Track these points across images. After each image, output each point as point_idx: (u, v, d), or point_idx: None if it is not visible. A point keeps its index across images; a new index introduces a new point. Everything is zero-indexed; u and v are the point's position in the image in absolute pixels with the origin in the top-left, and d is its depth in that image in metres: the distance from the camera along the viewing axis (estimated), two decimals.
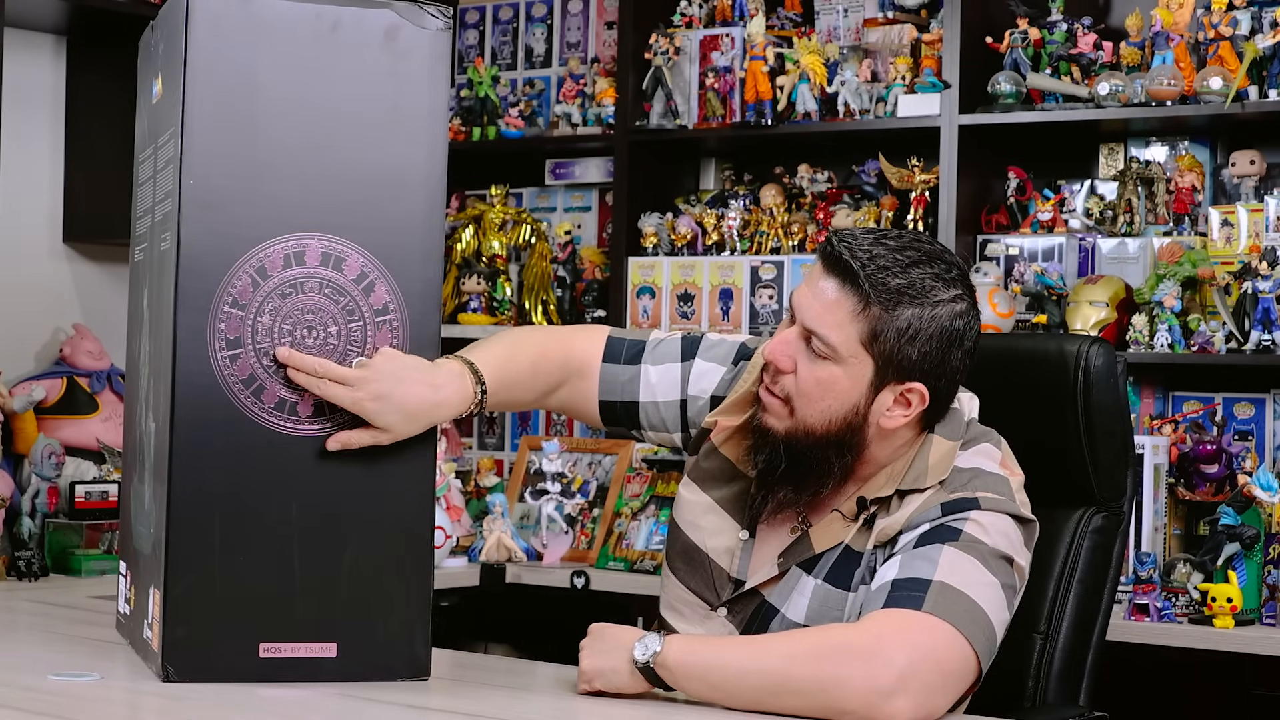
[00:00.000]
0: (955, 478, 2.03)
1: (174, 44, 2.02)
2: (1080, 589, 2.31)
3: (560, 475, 4.11)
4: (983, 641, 1.90)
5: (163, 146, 2.07)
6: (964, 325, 2.03)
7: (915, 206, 4.06)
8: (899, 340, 1.99)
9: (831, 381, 2.01)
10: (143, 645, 2.07)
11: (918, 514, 2.00)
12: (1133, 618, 3.32)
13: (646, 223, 4.34)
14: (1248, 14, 3.73)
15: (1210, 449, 3.61)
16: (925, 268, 2.00)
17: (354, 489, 2.00)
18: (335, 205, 2.00)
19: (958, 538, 1.94)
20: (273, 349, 1.97)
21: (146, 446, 2.09)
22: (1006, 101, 3.89)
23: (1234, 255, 3.67)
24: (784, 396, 2.04)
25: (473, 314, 4.47)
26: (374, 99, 2.01)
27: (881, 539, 2.02)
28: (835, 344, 1.99)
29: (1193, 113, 3.71)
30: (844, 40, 4.26)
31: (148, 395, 2.10)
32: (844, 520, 2.07)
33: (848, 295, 1.99)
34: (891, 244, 2.01)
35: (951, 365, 2.03)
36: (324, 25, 2.00)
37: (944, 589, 1.89)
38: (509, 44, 4.82)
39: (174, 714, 1.89)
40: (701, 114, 4.27)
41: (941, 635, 1.86)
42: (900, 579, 1.91)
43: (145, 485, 2.08)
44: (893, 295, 1.98)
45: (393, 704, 1.92)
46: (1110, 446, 2.34)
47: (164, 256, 2.02)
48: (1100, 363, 2.32)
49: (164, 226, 2.03)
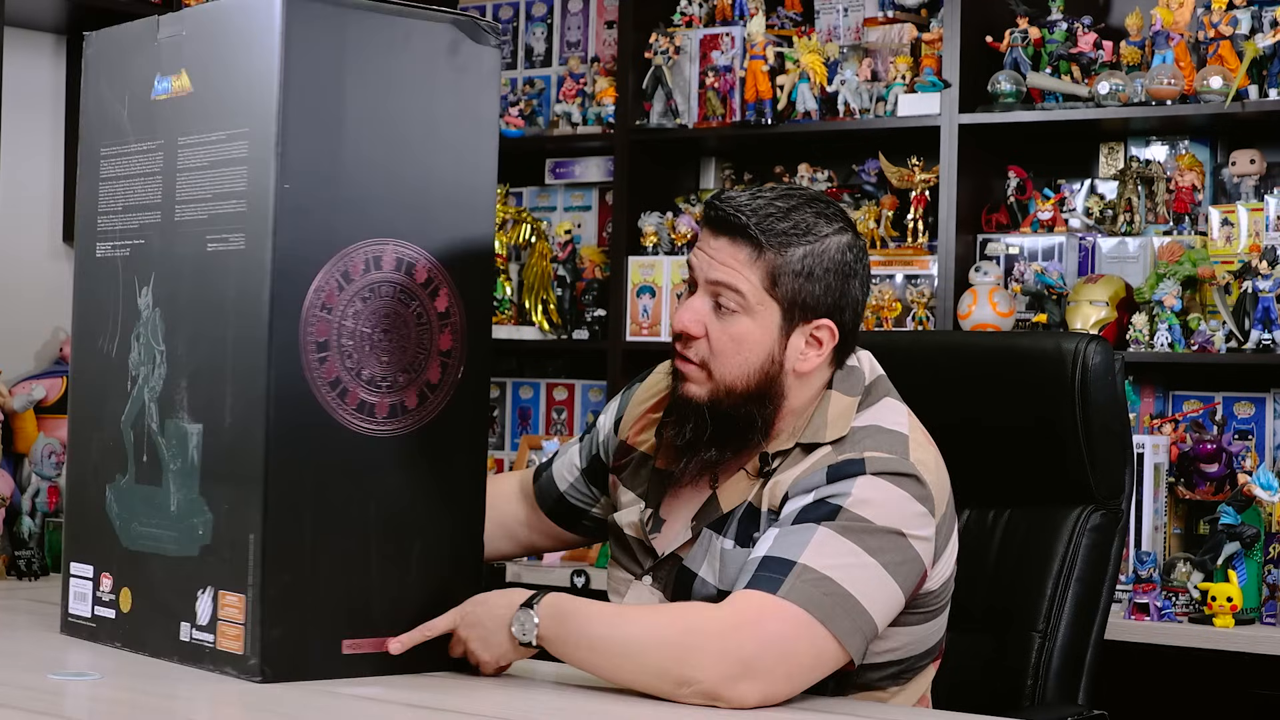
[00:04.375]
0: (850, 437, 2.05)
1: (230, 44, 2.03)
2: (1079, 587, 2.31)
3: None
4: (845, 624, 1.92)
5: (191, 146, 2.07)
6: (854, 256, 2.08)
7: (915, 206, 4.06)
8: (797, 279, 2.04)
9: (743, 335, 2.05)
10: (182, 647, 2.04)
11: (804, 476, 2.02)
12: (1133, 617, 3.32)
13: (647, 222, 4.34)
14: (1248, 13, 3.73)
15: (1210, 448, 3.61)
16: (806, 209, 2.06)
17: (422, 486, 2.06)
18: (406, 212, 2.05)
19: (835, 516, 1.95)
20: (355, 351, 2.01)
21: (168, 446, 2.07)
22: (1006, 101, 3.89)
23: (1234, 254, 3.68)
24: (699, 361, 2.08)
25: None
26: (440, 110, 2.07)
27: (773, 503, 2.05)
28: (745, 291, 2.04)
29: (1193, 112, 3.71)
30: (844, 39, 4.26)
31: (164, 395, 2.08)
32: (749, 478, 2.10)
33: (740, 247, 2.04)
34: (768, 194, 2.08)
35: (852, 296, 2.09)
36: (399, 35, 2.04)
37: (805, 572, 1.91)
38: (509, 43, 4.81)
39: (175, 714, 1.89)
40: (701, 113, 4.27)
41: (793, 622, 1.89)
42: (768, 556, 1.95)
43: (173, 486, 2.07)
44: (782, 238, 2.04)
45: (393, 703, 1.92)
46: (1108, 444, 2.34)
47: (214, 259, 2.02)
48: (1098, 361, 2.32)
49: (209, 227, 2.03)
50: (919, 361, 2.47)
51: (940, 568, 2.05)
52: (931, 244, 4.03)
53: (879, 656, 2.05)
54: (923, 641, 2.10)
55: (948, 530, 2.06)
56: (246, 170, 2.00)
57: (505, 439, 4.65)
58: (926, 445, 2.06)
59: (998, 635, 2.34)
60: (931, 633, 2.11)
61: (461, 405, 2.09)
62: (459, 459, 2.10)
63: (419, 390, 2.06)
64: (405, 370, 2.04)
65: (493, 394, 4.70)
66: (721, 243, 2.05)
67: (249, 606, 1.96)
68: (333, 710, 1.90)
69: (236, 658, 1.97)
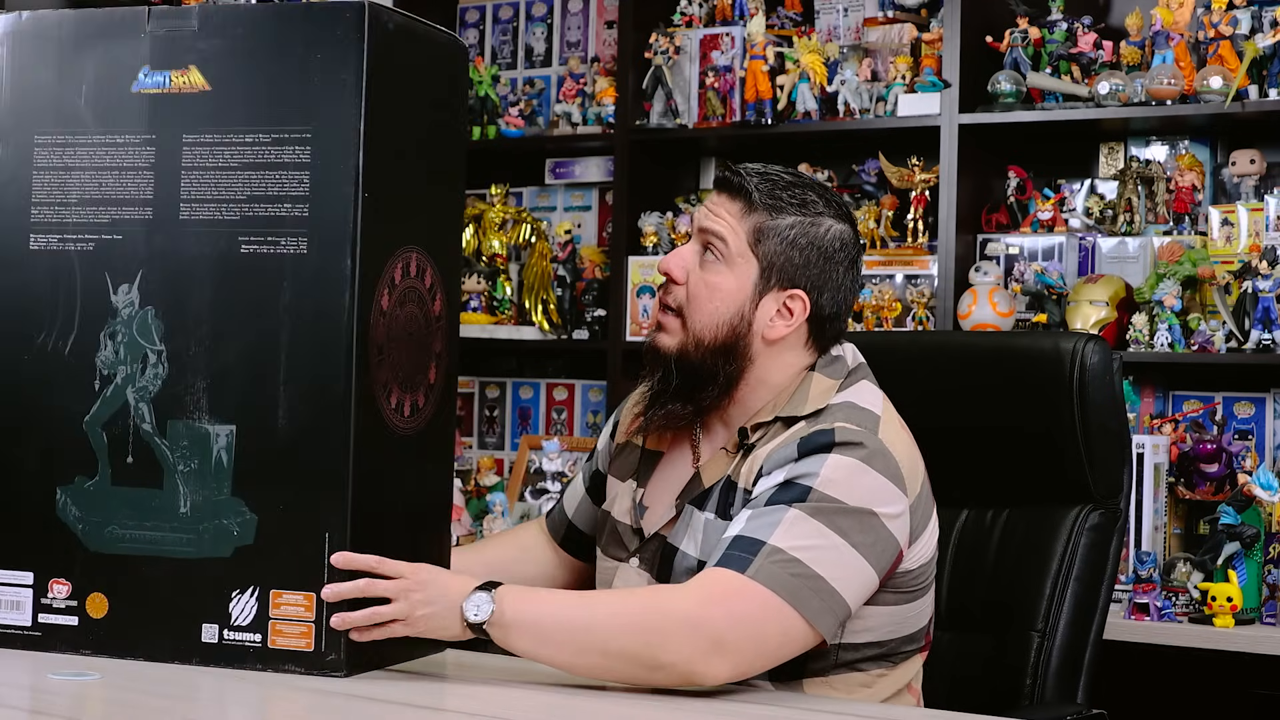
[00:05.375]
0: (825, 412, 2.09)
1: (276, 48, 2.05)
2: (1077, 586, 2.31)
3: (560, 474, 4.11)
4: (814, 604, 1.95)
5: (206, 145, 2.06)
6: (841, 245, 2.15)
7: (915, 206, 4.06)
8: (781, 244, 2.12)
9: (719, 284, 2.12)
10: (204, 648, 2.04)
11: (777, 450, 2.05)
12: (1133, 617, 3.32)
13: (647, 222, 4.34)
14: (1248, 13, 3.73)
15: (1210, 448, 3.61)
16: (811, 190, 2.16)
17: (436, 479, 2.20)
18: (416, 218, 2.12)
19: (805, 498, 1.98)
20: (396, 352, 2.07)
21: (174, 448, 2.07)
22: (1006, 101, 3.89)
23: (1234, 254, 3.68)
24: (676, 307, 2.15)
25: (473, 313, 4.47)
26: (437, 122, 2.17)
27: (748, 480, 2.09)
28: (727, 238, 2.12)
29: (1193, 112, 3.71)
30: (844, 39, 4.26)
31: (165, 395, 2.07)
32: (729, 455, 2.15)
33: (735, 201, 2.14)
34: (780, 168, 2.19)
35: (834, 281, 2.14)
36: (431, 48, 2.15)
37: (774, 554, 1.94)
38: (509, 43, 4.82)
39: (175, 713, 1.89)
40: (701, 113, 4.27)
41: (760, 603, 1.93)
42: (739, 536, 1.98)
43: (183, 488, 2.06)
44: (776, 201, 2.13)
45: (392, 703, 1.92)
46: (1106, 444, 2.34)
47: (253, 261, 2.04)
48: (1096, 360, 2.32)
49: (242, 228, 2.05)
50: (919, 361, 2.48)
51: (918, 549, 2.08)
52: (931, 244, 4.03)
53: (857, 636, 2.08)
54: (903, 625, 2.12)
55: (924, 512, 2.09)
56: (309, 175, 2.02)
57: (505, 439, 4.64)
58: (899, 429, 2.10)
59: (997, 634, 2.34)
60: (912, 616, 2.12)
61: (446, 405, 2.18)
62: (447, 455, 2.22)
63: (425, 390, 2.13)
64: (420, 371, 2.12)
65: (493, 394, 4.70)
66: (722, 199, 2.16)
67: (322, 603, 1.99)
68: (334, 711, 1.90)
69: (304, 655, 2.00)
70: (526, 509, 4.13)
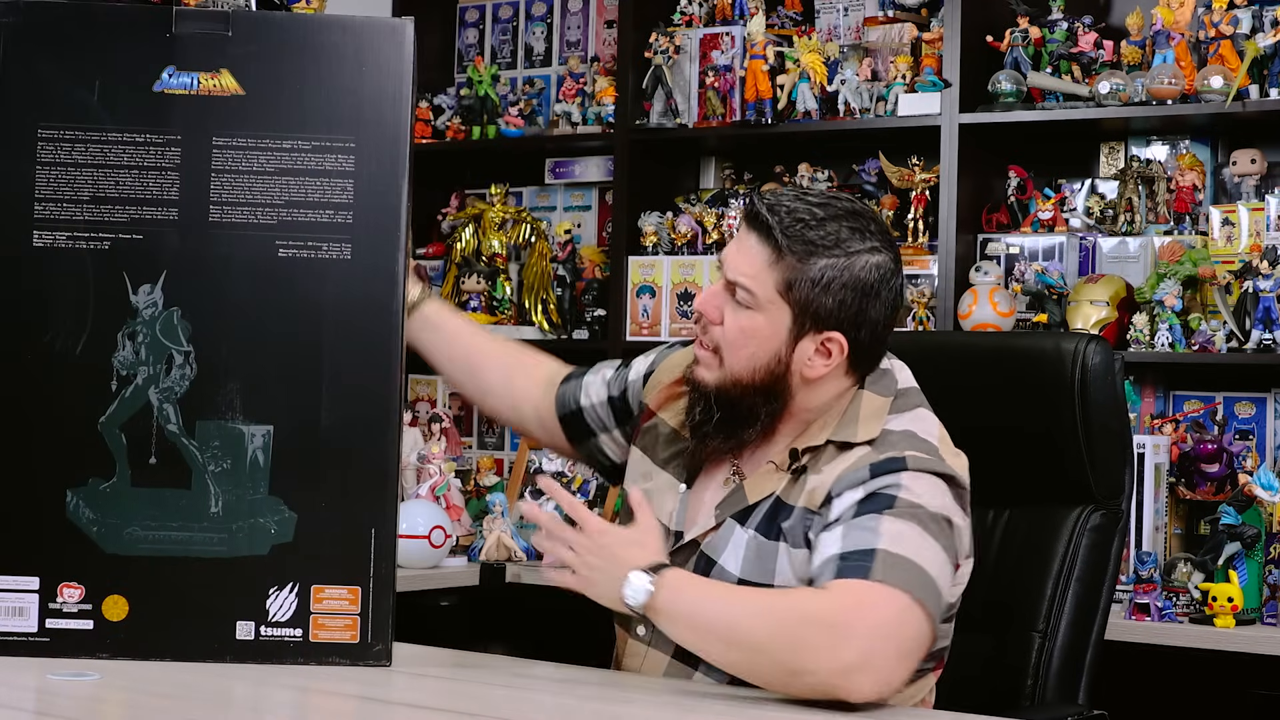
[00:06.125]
0: (885, 438, 2.07)
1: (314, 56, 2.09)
2: (1079, 587, 2.31)
3: (560, 475, 4.11)
4: (934, 605, 1.95)
5: (240, 149, 2.09)
6: (879, 277, 2.08)
7: (915, 205, 4.06)
8: (813, 289, 2.05)
9: (754, 329, 2.08)
10: (239, 645, 2.05)
11: (847, 474, 2.03)
12: (1133, 617, 3.31)
13: (646, 222, 4.33)
14: (1248, 12, 3.73)
15: (1211, 448, 3.61)
16: (841, 222, 2.07)
17: None
18: None
19: (894, 504, 1.98)
20: None
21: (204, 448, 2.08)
22: (1007, 100, 3.89)
23: (1235, 254, 3.67)
24: (713, 347, 2.11)
25: (472, 313, 4.47)
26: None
27: (813, 502, 2.06)
28: (754, 290, 2.07)
29: (1193, 111, 3.71)
30: (844, 39, 4.26)
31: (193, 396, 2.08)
32: (778, 472, 2.12)
33: (765, 247, 2.07)
34: (812, 200, 2.09)
35: (871, 317, 2.08)
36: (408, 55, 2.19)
37: (889, 556, 1.93)
38: (509, 43, 4.81)
39: (176, 713, 1.89)
40: (701, 113, 4.27)
41: (897, 604, 1.91)
42: (846, 551, 1.95)
43: (214, 488, 2.07)
44: (807, 246, 2.05)
45: (392, 702, 1.92)
46: (1108, 444, 2.34)
47: (292, 265, 2.09)
48: (1098, 360, 2.32)
49: (280, 232, 2.09)
50: (919, 361, 2.46)
51: (963, 571, 2.08)
52: (932, 244, 4.03)
53: None
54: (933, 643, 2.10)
55: (969, 541, 2.09)
56: (352, 183, 2.08)
57: (505, 439, 4.64)
58: (954, 454, 2.09)
59: (998, 635, 2.34)
60: (942, 636, 2.11)
61: None
62: None
63: None
64: None
65: None
66: (750, 240, 2.09)
67: (368, 597, 2.04)
68: (333, 708, 1.90)
69: (350, 647, 2.05)
70: None
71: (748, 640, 1.93)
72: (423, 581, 3.61)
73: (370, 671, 2.04)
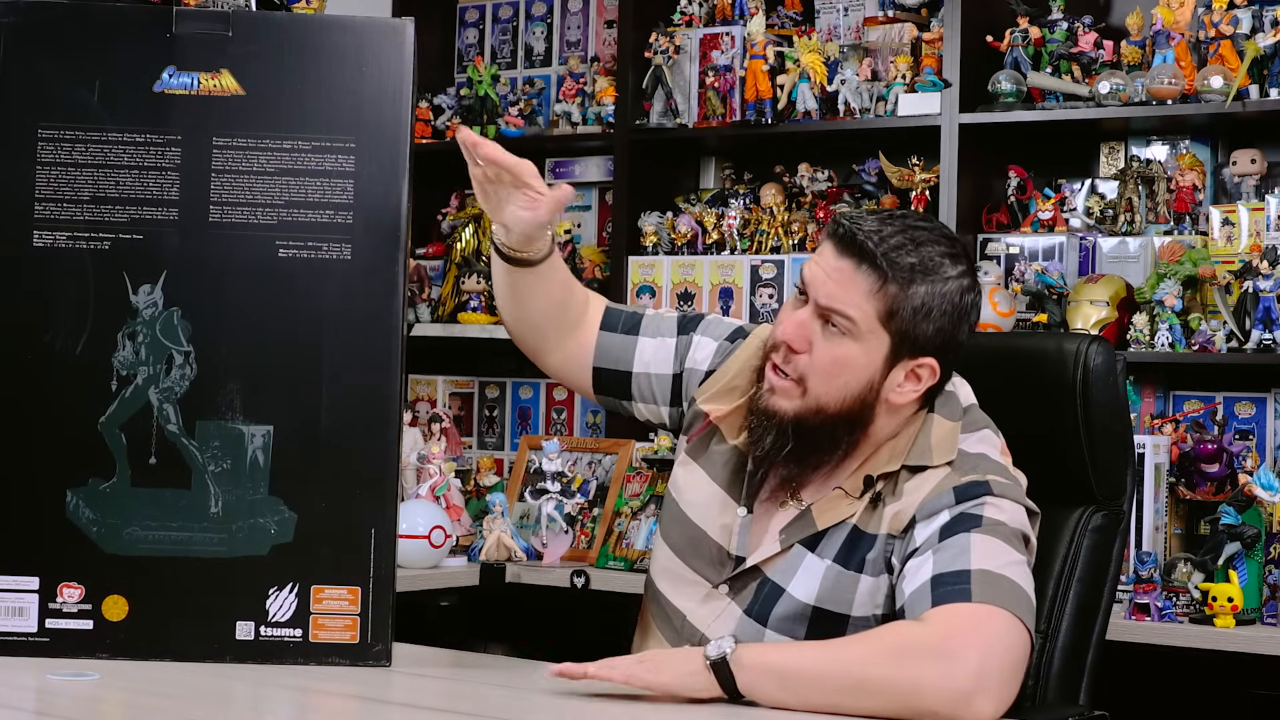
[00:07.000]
0: (963, 461, 2.06)
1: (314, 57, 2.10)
2: (1080, 588, 2.30)
3: (560, 475, 4.10)
4: (1030, 618, 1.95)
5: (240, 149, 2.09)
6: (970, 301, 2.08)
7: (915, 205, 4.06)
8: (915, 317, 2.03)
9: (849, 359, 2.03)
10: (240, 646, 2.05)
11: (931, 499, 2.02)
12: (1133, 617, 3.31)
13: (646, 222, 4.33)
14: (1248, 12, 3.73)
15: (1211, 448, 3.61)
16: (934, 246, 2.05)
17: None
18: None
19: (980, 524, 1.98)
20: None
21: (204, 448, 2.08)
22: (1007, 100, 3.89)
23: (1235, 254, 3.67)
24: (797, 377, 2.05)
25: (472, 313, 4.47)
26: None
27: (895, 527, 2.03)
28: (856, 319, 2.02)
29: (1193, 111, 3.71)
30: (844, 39, 4.26)
31: (193, 396, 2.08)
32: (848, 498, 2.08)
33: (864, 274, 2.02)
34: (898, 224, 2.05)
35: (958, 340, 2.08)
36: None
37: (986, 575, 1.92)
38: (509, 43, 4.81)
39: (176, 713, 1.89)
40: (701, 113, 4.27)
41: (1002, 622, 1.90)
42: (939, 575, 1.94)
43: (214, 488, 2.08)
44: (907, 273, 2.02)
45: (391, 703, 1.92)
46: (1110, 445, 2.34)
47: (293, 265, 2.09)
48: (1099, 361, 2.32)
49: (279, 232, 2.09)
50: None
51: None
52: None
53: None
54: None
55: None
56: (352, 184, 2.08)
57: (505, 439, 4.64)
58: (1022, 477, 2.10)
59: None
60: None
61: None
62: None
63: None
64: None
65: (492, 394, 4.69)
66: (845, 265, 2.03)
67: (368, 597, 2.05)
68: (332, 707, 1.90)
69: (349, 647, 2.05)
70: (526, 509, 4.12)
71: (859, 685, 1.86)
72: (423, 581, 3.61)
73: (370, 671, 2.04)
